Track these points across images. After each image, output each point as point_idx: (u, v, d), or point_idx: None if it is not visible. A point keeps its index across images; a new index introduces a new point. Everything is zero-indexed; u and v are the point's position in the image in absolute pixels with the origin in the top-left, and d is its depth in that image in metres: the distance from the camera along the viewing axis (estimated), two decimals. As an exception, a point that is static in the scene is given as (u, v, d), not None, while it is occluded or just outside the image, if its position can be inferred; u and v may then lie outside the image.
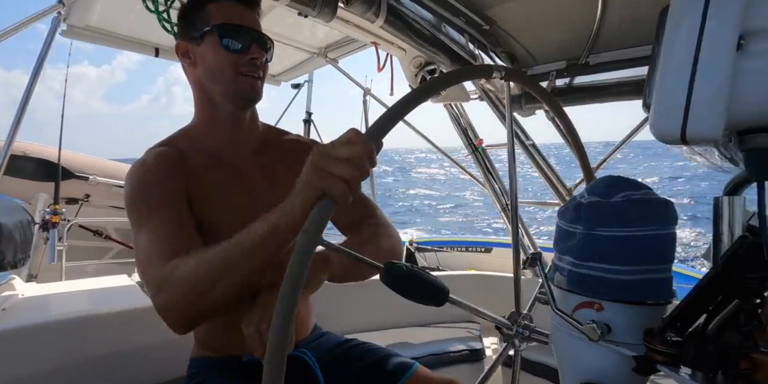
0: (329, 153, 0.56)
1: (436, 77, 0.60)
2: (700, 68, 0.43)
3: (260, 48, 0.92)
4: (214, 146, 0.97)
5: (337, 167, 0.55)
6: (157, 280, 0.74)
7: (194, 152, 0.95)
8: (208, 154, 0.96)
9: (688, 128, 0.45)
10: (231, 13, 0.91)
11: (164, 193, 0.86)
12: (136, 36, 2.33)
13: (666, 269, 0.61)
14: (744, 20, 0.42)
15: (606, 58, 1.53)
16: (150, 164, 0.90)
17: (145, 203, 0.86)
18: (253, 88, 0.93)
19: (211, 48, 0.90)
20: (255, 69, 0.92)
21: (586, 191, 0.67)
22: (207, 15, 0.91)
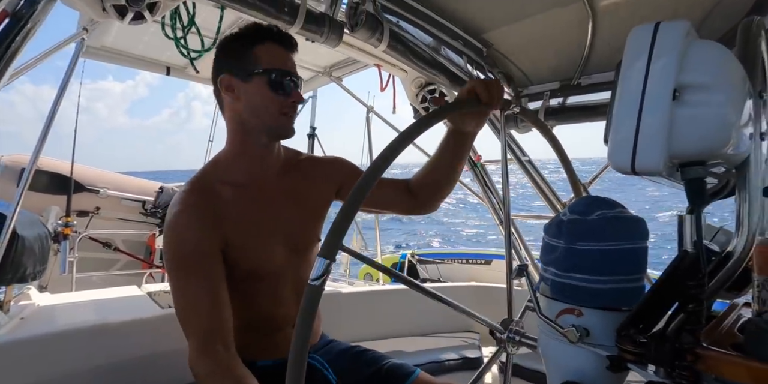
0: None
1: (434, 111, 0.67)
2: (644, 114, 0.53)
3: (299, 91, 1.04)
4: (244, 173, 1.07)
5: None
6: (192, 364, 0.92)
7: (225, 184, 1.04)
8: (237, 183, 1.05)
9: (637, 162, 0.54)
10: (277, 57, 1.01)
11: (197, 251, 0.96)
12: (149, 56, 2.45)
13: (639, 279, 0.68)
14: (678, 76, 0.52)
15: (597, 80, 1.62)
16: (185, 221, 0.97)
17: (180, 261, 0.96)
18: (291, 127, 1.06)
19: (259, 88, 1.00)
20: (294, 110, 1.04)
21: (568, 209, 0.74)
22: (254, 56, 1.00)
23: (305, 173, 1.16)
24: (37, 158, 1.78)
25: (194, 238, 0.96)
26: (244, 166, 1.07)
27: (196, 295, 0.93)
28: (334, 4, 1.43)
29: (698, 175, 0.55)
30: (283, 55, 1.03)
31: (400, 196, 1.22)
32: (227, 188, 1.03)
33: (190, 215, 0.97)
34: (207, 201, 1.00)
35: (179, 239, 0.97)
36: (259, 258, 1.05)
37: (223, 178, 1.05)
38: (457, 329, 2.07)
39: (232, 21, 2.02)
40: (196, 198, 1.00)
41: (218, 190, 1.02)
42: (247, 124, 1.04)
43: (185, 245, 0.95)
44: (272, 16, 1.32)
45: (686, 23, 0.55)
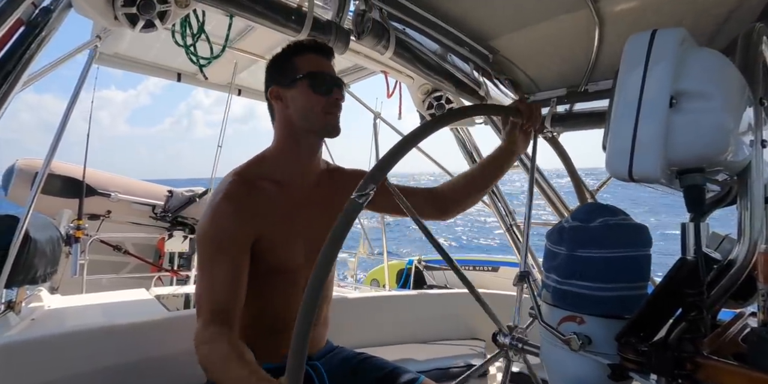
0: None
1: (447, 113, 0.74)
2: (641, 121, 0.53)
3: (339, 90, 1.11)
4: (286, 172, 1.14)
5: None
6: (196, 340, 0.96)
7: (266, 180, 1.11)
8: (278, 181, 1.12)
9: (633, 169, 0.54)
10: (315, 62, 1.10)
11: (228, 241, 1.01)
12: (160, 62, 2.50)
13: (641, 287, 0.68)
14: (674, 83, 0.52)
15: (604, 86, 1.61)
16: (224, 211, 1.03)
17: (210, 247, 1.02)
18: (336, 125, 1.12)
19: (302, 92, 1.08)
20: (337, 108, 1.11)
21: (570, 217, 0.74)
22: (295, 65, 1.10)
23: (338, 184, 1.21)
24: (49, 163, 1.82)
25: (229, 227, 1.01)
26: (288, 165, 1.14)
27: (218, 276, 0.98)
28: (341, 11, 1.46)
29: (696, 182, 0.55)
30: (321, 61, 1.12)
31: (424, 204, 1.29)
32: (268, 184, 1.10)
33: (230, 205, 1.03)
34: (248, 194, 1.06)
35: (215, 225, 1.02)
36: (282, 254, 1.09)
37: (266, 175, 1.11)
38: (461, 336, 2.06)
39: (241, 29, 2.06)
40: (238, 189, 1.06)
41: (260, 185, 1.09)
42: (296, 127, 1.11)
43: (220, 232, 1.01)
44: (280, 24, 1.35)
45: (682, 31, 0.55)
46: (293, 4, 1.38)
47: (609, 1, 1.31)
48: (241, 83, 2.84)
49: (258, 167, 1.13)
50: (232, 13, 1.33)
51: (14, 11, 1.10)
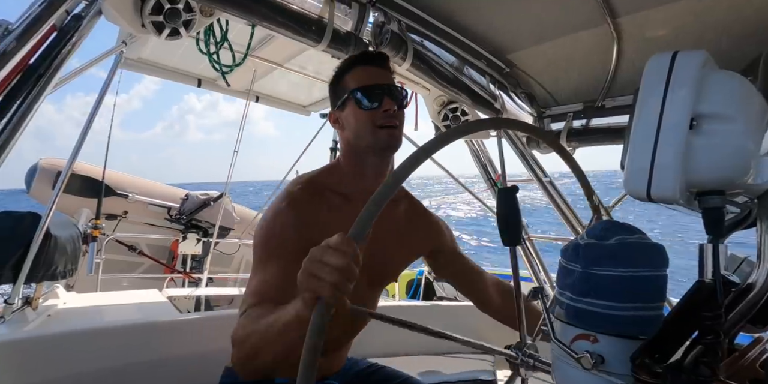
0: (320, 259, 0.62)
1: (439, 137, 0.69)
2: (660, 142, 0.53)
3: (392, 100, 1.02)
4: (352, 190, 1.08)
5: (325, 273, 0.61)
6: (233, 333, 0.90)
7: (333, 190, 1.07)
8: (344, 195, 1.07)
9: (652, 189, 0.54)
10: (362, 76, 1.04)
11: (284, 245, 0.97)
12: (182, 68, 2.56)
13: (657, 307, 0.67)
14: (694, 105, 0.52)
15: (621, 102, 1.60)
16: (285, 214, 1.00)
17: (266, 248, 0.99)
18: (392, 137, 1.03)
19: (351, 110, 1.04)
20: (390, 119, 1.02)
21: (585, 233, 0.74)
22: (344, 85, 1.06)
23: (409, 217, 1.18)
24: (72, 163, 1.87)
25: (285, 231, 0.98)
26: (355, 181, 1.09)
27: (267, 276, 0.94)
28: (360, 23, 1.48)
29: (716, 204, 0.54)
30: (368, 72, 1.05)
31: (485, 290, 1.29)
32: (334, 196, 1.06)
33: (294, 209, 1.00)
34: (310, 201, 1.03)
35: (272, 228, 1.00)
36: None
37: (333, 186, 1.07)
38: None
39: (262, 37, 2.10)
40: (304, 196, 1.04)
41: (327, 196, 1.05)
42: (355, 147, 1.07)
43: (275, 235, 0.98)
44: (300, 35, 1.37)
45: (704, 53, 0.55)
46: (314, 16, 1.41)
47: (628, 18, 1.31)
48: (259, 90, 2.89)
49: (327, 177, 1.10)
50: (254, 22, 1.37)
51: (49, 18, 1.14)
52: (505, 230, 0.87)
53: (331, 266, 0.61)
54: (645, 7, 1.26)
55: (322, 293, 0.61)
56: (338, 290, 0.61)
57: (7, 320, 1.75)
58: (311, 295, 0.63)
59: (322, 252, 0.63)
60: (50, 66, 1.23)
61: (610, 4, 1.28)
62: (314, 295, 0.62)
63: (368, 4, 1.47)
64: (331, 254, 0.62)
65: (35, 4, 1.16)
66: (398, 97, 1.05)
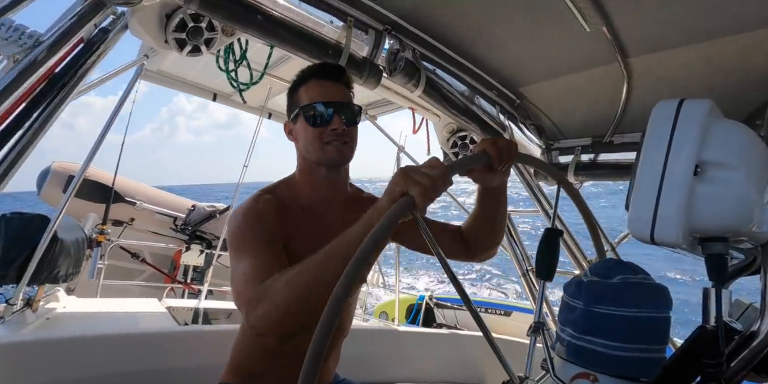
0: (416, 167, 0.72)
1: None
2: (665, 187, 0.54)
3: (341, 118, 1.03)
4: (311, 202, 1.10)
5: (420, 177, 0.69)
6: (255, 296, 0.83)
7: (294, 205, 1.08)
8: (304, 208, 1.09)
9: (656, 234, 0.54)
10: (314, 91, 1.05)
11: (266, 232, 0.98)
12: (199, 82, 2.63)
13: (660, 350, 0.65)
14: (699, 152, 0.52)
15: (630, 139, 1.61)
16: (258, 208, 1.02)
17: (249, 237, 0.97)
18: (339, 153, 1.05)
19: (302, 126, 1.06)
20: (339, 137, 1.04)
21: (589, 270, 0.73)
22: (297, 98, 1.07)
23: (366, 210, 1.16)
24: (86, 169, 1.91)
25: (263, 225, 0.98)
26: (311, 194, 1.11)
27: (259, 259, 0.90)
28: (376, 49, 1.52)
29: (719, 251, 0.54)
30: (322, 88, 1.05)
31: (453, 242, 1.23)
32: (294, 208, 1.08)
33: (263, 210, 1.01)
34: (278, 209, 1.04)
35: (250, 222, 0.99)
36: None
37: (292, 200, 1.09)
38: (467, 380, 1.99)
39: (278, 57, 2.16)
40: (270, 200, 1.05)
41: (287, 206, 1.07)
42: (307, 160, 1.09)
43: (254, 227, 0.98)
44: (316, 58, 1.41)
45: (709, 102, 0.57)
46: (332, 40, 1.45)
47: (639, 58, 1.34)
48: (272, 107, 2.95)
49: (285, 191, 1.11)
50: (274, 44, 1.41)
51: (79, 31, 1.19)
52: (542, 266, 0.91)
53: (427, 174, 0.70)
54: (656, 49, 1.29)
55: (415, 190, 0.68)
56: (427, 192, 0.68)
57: (7, 321, 1.75)
58: (400, 191, 0.69)
59: (416, 166, 0.72)
60: (74, 75, 1.27)
61: (622, 45, 1.30)
62: (404, 191, 0.69)
63: (384, 31, 1.51)
64: (427, 167, 0.72)
65: (66, 17, 1.22)
66: (349, 114, 1.06)
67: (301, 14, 1.43)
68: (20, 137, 1.18)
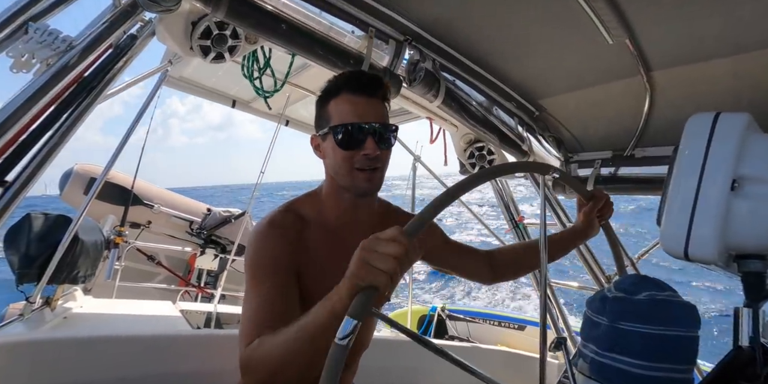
0: (376, 250, 0.63)
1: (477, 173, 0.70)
2: (700, 202, 0.53)
3: (375, 142, 0.94)
4: (335, 224, 1.04)
5: (383, 263, 0.62)
6: (243, 358, 0.85)
7: (317, 224, 1.03)
8: (327, 229, 1.03)
9: (689, 250, 0.53)
10: (346, 109, 0.95)
11: (280, 261, 0.96)
12: (219, 89, 2.68)
13: (686, 370, 0.62)
14: (737, 167, 0.51)
15: (651, 153, 1.58)
16: (277, 232, 0.98)
17: (262, 265, 0.96)
18: (369, 181, 0.97)
19: (330, 145, 0.97)
20: (370, 162, 0.95)
21: (613, 286, 0.71)
22: (328, 113, 0.97)
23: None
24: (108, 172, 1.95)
25: (277, 252, 0.96)
26: (336, 215, 1.05)
27: (263, 296, 0.91)
28: (396, 59, 1.53)
29: (756, 269, 0.53)
30: (355, 105, 0.95)
31: (479, 267, 1.26)
32: (317, 227, 1.03)
33: (279, 235, 0.98)
34: (296, 229, 1.00)
35: (263, 249, 0.97)
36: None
37: (316, 216, 1.04)
38: None
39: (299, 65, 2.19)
40: (287, 222, 1.01)
41: (309, 225, 1.02)
42: (336, 182, 1.02)
43: (268, 255, 0.96)
44: (337, 67, 1.43)
45: (747, 115, 0.55)
46: (353, 50, 1.47)
47: (662, 72, 1.32)
48: (290, 115, 2.99)
49: (310, 205, 1.06)
50: (296, 53, 1.44)
51: (109, 37, 1.23)
52: None
53: (387, 254, 0.62)
54: (680, 63, 1.27)
55: (378, 281, 0.61)
56: (392, 279, 0.62)
57: (26, 318, 1.78)
58: (363, 284, 0.62)
59: (375, 243, 0.64)
60: (102, 79, 1.31)
61: (645, 58, 1.29)
62: (366, 284, 0.62)
63: (405, 42, 1.52)
64: (386, 244, 0.63)
65: (96, 23, 1.26)
66: (383, 137, 0.96)
67: (323, 24, 1.46)
68: (48, 139, 1.21)
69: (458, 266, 1.26)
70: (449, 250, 1.25)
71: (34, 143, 1.18)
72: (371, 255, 0.63)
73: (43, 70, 1.16)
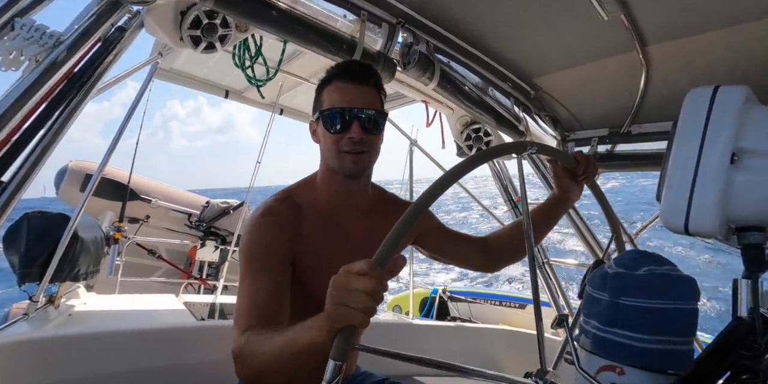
0: (349, 287, 0.61)
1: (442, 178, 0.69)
2: (700, 176, 0.53)
3: (360, 126, 0.99)
4: (329, 207, 1.08)
5: (357, 302, 0.60)
6: (235, 349, 0.87)
7: (312, 209, 1.06)
8: (321, 213, 1.07)
9: (690, 224, 0.53)
10: (336, 95, 1.01)
11: (274, 249, 0.98)
12: (211, 79, 2.65)
13: (686, 342, 0.64)
14: (736, 140, 0.52)
15: (648, 129, 1.59)
16: (272, 220, 1.01)
17: (256, 253, 0.98)
18: (355, 163, 1.01)
19: (322, 130, 1.03)
20: (355, 146, 0.99)
21: (614, 262, 0.72)
22: (321, 99, 1.03)
23: (387, 216, 1.13)
24: (103, 168, 1.94)
25: (272, 242, 0.98)
26: (330, 198, 1.08)
27: (257, 286, 0.94)
28: (389, 42, 1.51)
29: (756, 240, 0.53)
30: (344, 91, 1.01)
31: (473, 253, 1.26)
32: (312, 212, 1.06)
33: (273, 223, 1.00)
34: (291, 216, 1.03)
35: (258, 239, 1.00)
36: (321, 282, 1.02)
37: (310, 203, 1.07)
38: None
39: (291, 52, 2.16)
40: (283, 209, 1.04)
41: (304, 211, 1.05)
42: (328, 165, 1.06)
43: (262, 246, 0.98)
44: (330, 53, 1.41)
45: (746, 88, 0.55)
46: (345, 34, 1.45)
47: (658, 47, 1.31)
48: (284, 103, 2.96)
49: (305, 191, 1.10)
50: (288, 40, 1.42)
51: (97, 30, 1.21)
52: None
53: (360, 291, 0.60)
54: (675, 36, 1.26)
55: (355, 321, 0.60)
56: (370, 313, 0.61)
57: (31, 317, 1.80)
58: (340, 325, 0.62)
59: (346, 279, 0.62)
60: (93, 74, 1.29)
61: (640, 33, 1.28)
62: (345, 323, 0.61)
63: (398, 24, 1.50)
64: (358, 280, 0.61)
65: (83, 17, 1.23)
66: (369, 122, 1.00)
67: (314, 9, 1.43)
68: (42, 138, 1.20)
69: (451, 252, 1.27)
70: (442, 235, 1.27)
71: (27, 142, 1.17)
72: (344, 295, 0.61)
73: (32, 67, 1.14)
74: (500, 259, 1.28)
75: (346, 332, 0.61)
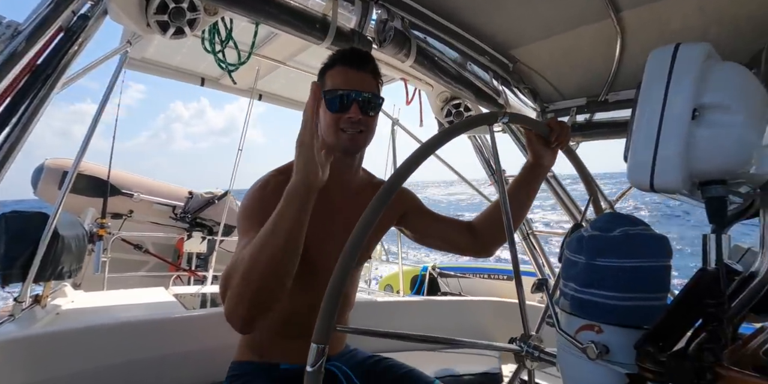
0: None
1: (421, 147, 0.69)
2: (663, 133, 0.54)
3: (359, 108, 1.08)
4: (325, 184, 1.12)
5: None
6: (221, 282, 0.90)
7: None
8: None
9: (655, 180, 0.54)
10: (337, 78, 1.09)
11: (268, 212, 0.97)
12: (185, 67, 2.58)
13: (660, 298, 0.67)
14: (697, 96, 0.52)
15: (624, 96, 1.60)
16: (266, 190, 1.07)
17: (251, 221, 1.02)
18: (352, 141, 1.09)
19: (323, 109, 1.09)
20: (354, 125, 1.08)
21: (590, 226, 0.74)
22: (324, 81, 1.12)
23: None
24: (78, 164, 1.89)
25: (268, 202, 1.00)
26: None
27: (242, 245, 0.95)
28: (364, 20, 1.49)
29: (719, 193, 0.55)
30: (346, 75, 1.09)
31: (460, 234, 1.29)
32: None
33: (271, 190, 1.05)
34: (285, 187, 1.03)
35: (255, 197, 1.06)
36: (314, 254, 1.08)
37: None
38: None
39: (264, 35, 2.11)
40: (281, 182, 1.05)
41: None
42: (325, 141, 1.09)
43: (259, 202, 1.04)
44: (304, 33, 1.38)
45: (707, 45, 0.56)
46: (318, 13, 1.42)
47: (632, 12, 1.32)
48: (262, 88, 2.90)
49: None
50: (259, 21, 1.38)
51: (57, 19, 1.16)
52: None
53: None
54: (648, 0, 1.27)
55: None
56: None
57: (17, 318, 1.77)
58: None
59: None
60: (57, 66, 1.24)
61: (614, -1, 1.28)
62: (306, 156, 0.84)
63: (371, 1, 1.47)
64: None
65: (42, 5, 1.17)
66: (368, 104, 1.09)
67: (283, -13, 1.39)
68: (8, 134, 1.16)
69: (437, 233, 1.30)
70: (426, 216, 1.31)
71: (-6, 140, 1.13)
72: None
73: (-10, 59, 1.09)
74: (489, 240, 1.30)
75: (326, 314, 0.62)
